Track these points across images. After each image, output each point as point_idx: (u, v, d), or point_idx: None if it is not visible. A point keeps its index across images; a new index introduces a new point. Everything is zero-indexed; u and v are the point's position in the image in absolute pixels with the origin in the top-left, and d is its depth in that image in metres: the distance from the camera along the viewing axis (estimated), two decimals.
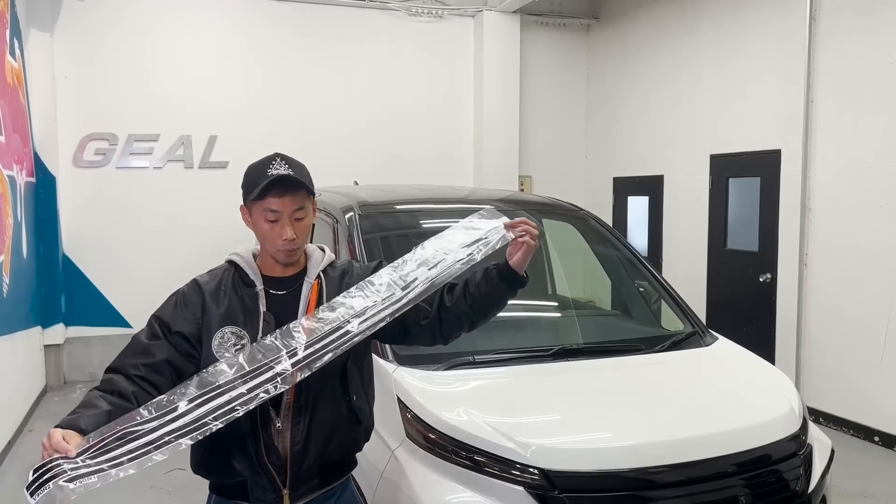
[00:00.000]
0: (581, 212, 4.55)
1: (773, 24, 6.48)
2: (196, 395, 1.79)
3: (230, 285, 2.09)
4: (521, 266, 2.09)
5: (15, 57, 6.18)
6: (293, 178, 2.00)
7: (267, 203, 1.99)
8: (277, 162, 2.03)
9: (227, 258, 2.18)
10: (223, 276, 2.13)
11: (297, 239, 2.04)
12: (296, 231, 2.03)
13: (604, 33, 9.08)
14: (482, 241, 2.09)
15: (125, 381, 1.91)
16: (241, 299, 2.07)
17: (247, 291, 2.08)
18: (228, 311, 2.05)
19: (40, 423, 6.21)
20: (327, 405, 2.06)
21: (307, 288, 2.11)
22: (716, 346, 3.63)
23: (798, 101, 6.20)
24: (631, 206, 8.71)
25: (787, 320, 6.40)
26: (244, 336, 2.01)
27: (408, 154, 8.53)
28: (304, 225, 2.06)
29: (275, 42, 8.03)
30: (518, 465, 2.53)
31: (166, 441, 1.73)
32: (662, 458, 2.66)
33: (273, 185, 1.98)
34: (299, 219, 2.04)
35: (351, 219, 3.86)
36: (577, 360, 3.28)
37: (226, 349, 2.00)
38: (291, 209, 2.01)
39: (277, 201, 1.99)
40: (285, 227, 2.01)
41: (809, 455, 2.94)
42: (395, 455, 2.76)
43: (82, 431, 1.74)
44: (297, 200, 2.01)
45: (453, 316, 2.13)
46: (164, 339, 2.01)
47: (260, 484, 2.02)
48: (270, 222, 2.02)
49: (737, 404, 3.04)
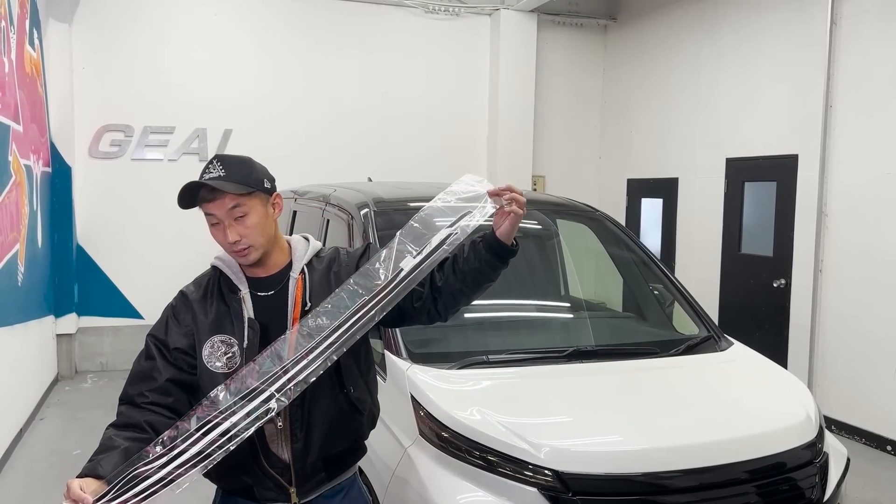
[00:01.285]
0: (596, 213, 4.53)
1: (793, 28, 6.43)
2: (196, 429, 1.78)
3: (216, 293, 2.06)
4: (509, 236, 2.00)
5: (34, 47, 6.21)
6: (217, 182, 1.92)
7: (203, 208, 1.97)
8: (213, 165, 1.97)
9: (212, 263, 2.13)
10: (208, 283, 2.09)
11: (244, 239, 1.97)
12: (239, 232, 1.96)
13: (621, 34, 9.04)
14: (466, 215, 1.99)
15: (136, 410, 1.92)
16: (227, 306, 2.04)
17: (233, 297, 2.05)
18: (216, 320, 2.02)
19: (51, 411, 6.25)
20: (325, 400, 2.02)
21: (293, 285, 2.05)
22: (731, 350, 3.60)
23: (817, 105, 6.15)
24: (644, 208, 8.66)
25: (800, 326, 6.35)
26: (233, 343, 1.99)
27: (421, 152, 8.52)
28: (250, 224, 1.96)
29: (291, 38, 8.03)
30: (531, 465, 2.52)
31: (177, 475, 1.73)
32: (676, 463, 2.64)
33: (193, 190, 1.94)
34: (240, 216, 1.95)
35: (366, 215, 3.85)
36: (591, 362, 3.26)
37: (216, 358, 1.98)
38: (225, 210, 1.94)
39: (210, 205, 1.95)
40: (226, 230, 1.96)
41: (825, 464, 2.92)
42: (408, 453, 2.75)
43: (101, 477, 1.74)
44: (230, 199, 1.93)
45: (447, 294, 2.07)
46: (163, 360, 1.99)
47: (266, 487, 2.01)
48: (213, 225, 1.98)
49: (752, 410, 3.01)
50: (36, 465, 5.01)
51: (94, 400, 6.56)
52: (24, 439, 5.48)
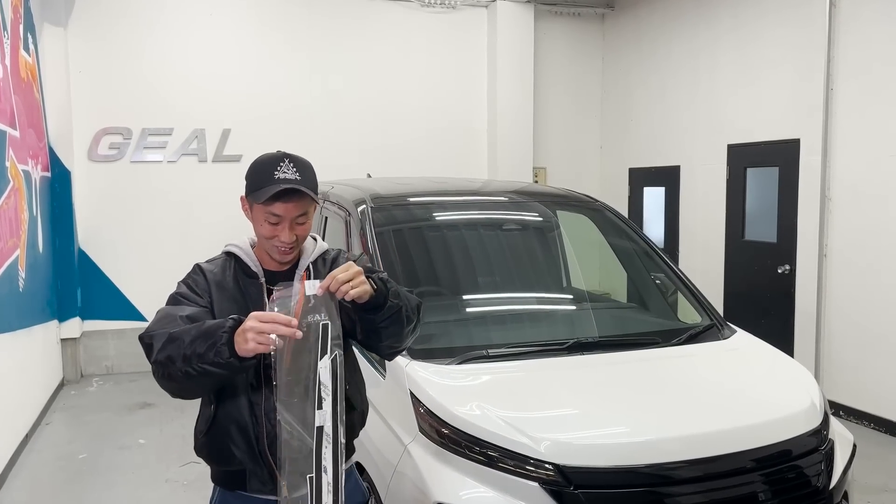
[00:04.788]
0: (596, 203, 4.50)
1: (792, 11, 6.36)
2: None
3: (232, 276, 2.08)
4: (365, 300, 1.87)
5: (29, 52, 6.20)
6: (301, 188, 1.96)
7: (272, 208, 1.97)
8: (286, 164, 1.98)
9: (225, 249, 2.15)
10: (224, 265, 2.11)
11: (298, 240, 2.05)
12: (297, 233, 2.03)
13: (619, 22, 8.97)
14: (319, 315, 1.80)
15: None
16: (244, 290, 2.06)
17: (250, 282, 2.07)
18: (234, 303, 2.02)
19: (57, 416, 6.26)
20: None
21: (297, 280, 2.04)
22: (734, 339, 3.57)
23: (818, 89, 6.09)
24: (647, 197, 8.62)
25: (806, 312, 6.30)
26: None
27: (420, 146, 8.48)
28: (305, 228, 2.06)
29: (287, 35, 8.00)
30: (532, 460, 2.50)
31: None
32: (680, 454, 2.62)
33: (281, 193, 1.95)
34: (301, 223, 2.03)
35: (363, 211, 3.83)
36: (593, 353, 3.23)
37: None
38: (295, 215, 2.00)
39: (282, 207, 1.97)
40: (286, 231, 2.00)
41: (831, 450, 2.89)
42: (408, 450, 2.73)
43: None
44: (301, 206, 2.00)
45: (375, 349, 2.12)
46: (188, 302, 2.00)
47: (258, 475, 2.00)
48: (272, 224, 2.00)
49: (756, 399, 2.98)
50: (42, 469, 5.01)
51: (100, 403, 6.56)
52: (31, 444, 5.49)
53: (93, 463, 5.12)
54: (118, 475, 4.91)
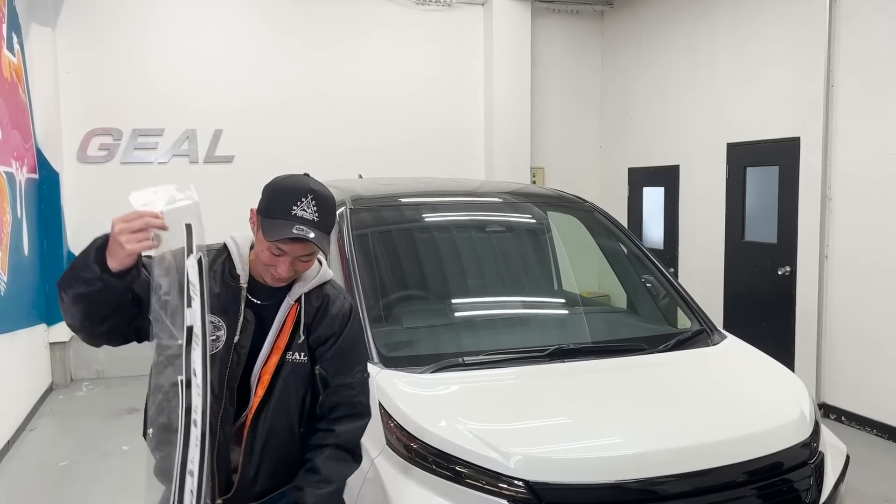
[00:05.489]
0: (585, 203, 4.36)
1: (791, 6, 6.20)
2: None
3: (219, 269, 1.98)
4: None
5: (13, 52, 6.11)
6: (318, 238, 1.85)
7: (280, 243, 1.86)
8: (307, 201, 1.85)
9: (225, 242, 2.05)
10: (217, 256, 2.02)
11: (297, 274, 1.98)
12: (297, 269, 1.94)
13: (618, 19, 8.82)
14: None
15: None
16: (228, 290, 1.97)
17: (231, 283, 1.98)
18: (215, 298, 1.92)
19: (43, 421, 6.17)
20: (282, 439, 2.00)
21: (285, 308, 2.00)
22: (723, 344, 3.43)
23: (818, 85, 5.93)
24: (646, 197, 8.47)
25: (807, 314, 6.14)
26: (221, 328, 1.93)
27: (416, 146, 8.36)
28: (308, 265, 1.97)
29: (279, 34, 7.90)
30: (501, 476, 2.37)
31: None
32: (661, 468, 2.49)
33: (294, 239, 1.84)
34: (305, 261, 1.93)
35: (342, 214, 3.70)
36: (574, 360, 3.10)
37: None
38: (300, 254, 1.90)
39: (289, 246, 1.87)
40: (285, 266, 1.90)
41: (821, 464, 2.75)
42: (375, 464, 2.61)
43: None
44: (309, 247, 1.89)
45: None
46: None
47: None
48: (273, 255, 1.90)
49: (743, 409, 2.84)
50: (21, 477, 4.91)
51: (88, 408, 6.47)
52: (12, 451, 5.39)
53: (73, 470, 5.02)
54: (97, 483, 4.80)
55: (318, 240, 1.85)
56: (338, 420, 2.03)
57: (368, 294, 3.27)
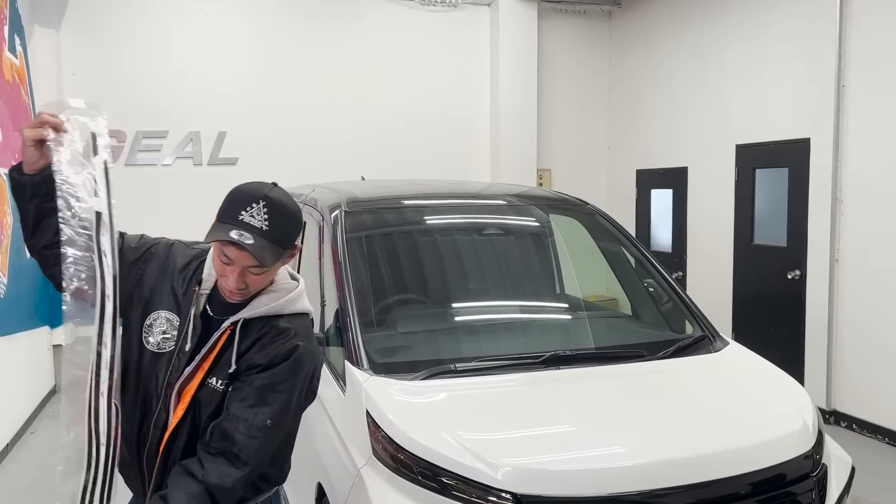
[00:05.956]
0: (587, 206, 4.27)
1: (801, 4, 6.09)
2: None
3: (190, 275, 1.94)
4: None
5: (16, 54, 6.09)
6: (256, 246, 1.74)
7: (225, 248, 1.77)
8: (257, 208, 1.76)
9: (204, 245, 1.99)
10: (194, 260, 1.97)
11: (249, 289, 1.84)
12: (248, 281, 1.82)
13: (626, 20, 8.72)
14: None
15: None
16: (190, 293, 1.91)
17: (195, 288, 1.92)
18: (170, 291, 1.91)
19: (45, 423, 6.14)
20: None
21: (221, 329, 1.86)
22: (725, 351, 3.33)
23: (829, 85, 5.81)
24: (654, 199, 8.35)
25: (817, 319, 6.01)
26: (175, 328, 1.88)
27: (421, 148, 8.29)
28: (260, 280, 1.84)
29: (284, 36, 7.86)
30: (491, 489, 2.29)
31: None
32: (659, 480, 2.40)
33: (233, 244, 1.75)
34: (256, 273, 1.81)
35: (336, 217, 3.64)
36: (570, 367, 3.01)
37: (153, 333, 1.89)
38: (248, 264, 1.78)
39: (235, 252, 1.77)
40: (234, 277, 1.80)
41: (824, 476, 2.65)
42: (361, 474, 2.54)
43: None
44: (253, 261, 1.77)
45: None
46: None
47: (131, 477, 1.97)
48: (223, 263, 1.81)
49: (744, 419, 2.75)
50: (18, 481, 4.88)
51: None
52: (11, 454, 5.36)
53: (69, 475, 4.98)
54: None
55: (257, 248, 1.73)
56: (213, 455, 1.76)
57: (360, 298, 3.20)
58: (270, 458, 1.89)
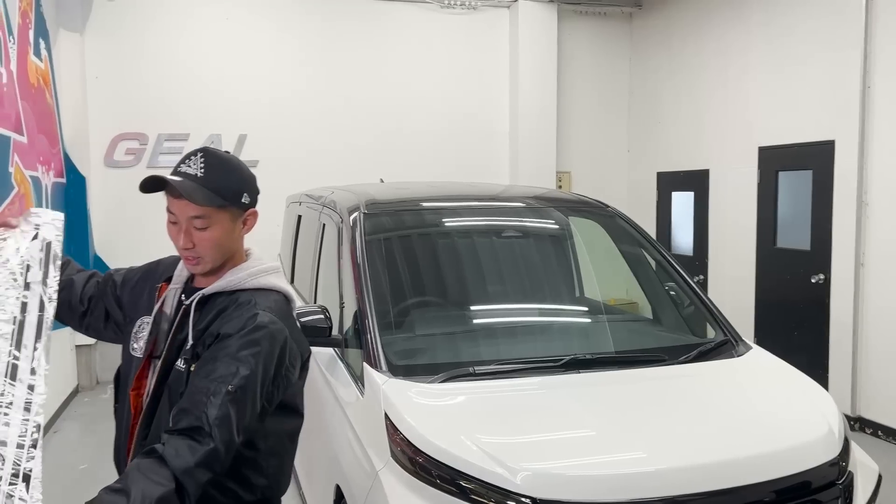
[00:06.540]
0: (608, 209, 4.23)
1: (826, 3, 6.01)
2: None
3: (160, 275, 2.02)
4: None
5: (41, 57, 6.17)
6: (186, 185, 1.75)
7: (168, 203, 1.80)
8: (195, 159, 1.81)
9: None
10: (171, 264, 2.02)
11: (196, 248, 1.81)
12: (194, 240, 1.79)
13: (647, 21, 8.66)
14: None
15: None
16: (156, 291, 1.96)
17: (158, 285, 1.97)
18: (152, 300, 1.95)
19: (67, 423, 6.21)
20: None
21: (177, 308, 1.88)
22: (748, 356, 3.28)
23: (854, 86, 5.73)
24: (675, 202, 8.28)
25: (841, 324, 5.92)
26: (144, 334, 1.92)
27: (441, 150, 8.29)
28: (208, 237, 1.80)
29: (304, 38, 7.89)
30: (509, 493, 2.27)
31: None
32: (681, 486, 2.37)
33: (153, 185, 1.76)
34: (199, 228, 1.79)
35: (355, 219, 3.64)
36: (591, 371, 2.98)
37: (136, 339, 1.93)
38: (189, 215, 1.78)
39: (173, 202, 1.79)
40: (180, 234, 1.80)
41: (850, 484, 2.60)
42: (379, 477, 2.53)
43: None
44: (194, 209, 1.77)
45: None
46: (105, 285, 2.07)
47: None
48: (171, 223, 1.83)
49: (768, 424, 2.70)
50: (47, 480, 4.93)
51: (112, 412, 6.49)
52: None
53: (92, 474, 5.03)
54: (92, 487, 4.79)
55: (186, 187, 1.73)
56: (175, 433, 1.64)
57: (379, 300, 3.19)
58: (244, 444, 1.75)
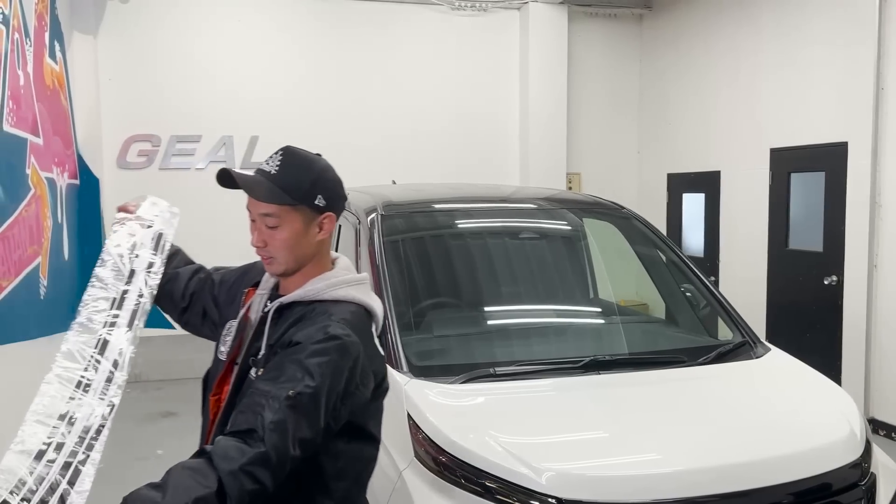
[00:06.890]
0: (623, 210, 4.24)
1: (838, 4, 6.00)
2: None
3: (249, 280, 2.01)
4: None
5: (56, 60, 6.20)
6: (250, 180, 1.75)
7: (247, 202, 1.81)
8: (274, 157, 1.79)
9: None
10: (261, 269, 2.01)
11: (268, 248, 1.78)
12: (265, 238, 1.78)
13: (657, 23, 8.67)
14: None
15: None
16: (241, 296, 1.97)
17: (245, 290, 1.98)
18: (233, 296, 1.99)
19: None
20: None
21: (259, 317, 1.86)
22: (767, 357, 3.28)
23: (867, 87, 5.72)
24: (686, 203, 8.28)
25: (854, 326, 5.92)
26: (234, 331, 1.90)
27: (451, 152, 8.31)
28: (279, 238, 1.76)
29: (316, 41, 7.93)
30: (534, 493, 2.28)
31: None
32: (702, 488, 2.38)
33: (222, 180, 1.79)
34: (270, 226, 1.77)
35: (373, 220, 3.65)
36: (610, 372, 3.00)
37: (224, 342, 1.92)
38: (260, 213, 1.78)
39: (248, 199, 1.78)
40: (253, 231, 1.81)
41: (872, 486, 2.60)
42: (403, 476, 2.54)
43: None
44: (262, 206, 1.76)
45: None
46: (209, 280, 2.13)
47: None
48: (250, 220, 1.82)
49: (789, 426, 2.71)
50: None
51: (125, 411, 6.43)
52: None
53: (106, 473, 5.01)
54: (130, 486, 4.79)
55: (249, 182, 1.74)
56: (229, 434, 1.58)
57: (398, 301, 3.21)
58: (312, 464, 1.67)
